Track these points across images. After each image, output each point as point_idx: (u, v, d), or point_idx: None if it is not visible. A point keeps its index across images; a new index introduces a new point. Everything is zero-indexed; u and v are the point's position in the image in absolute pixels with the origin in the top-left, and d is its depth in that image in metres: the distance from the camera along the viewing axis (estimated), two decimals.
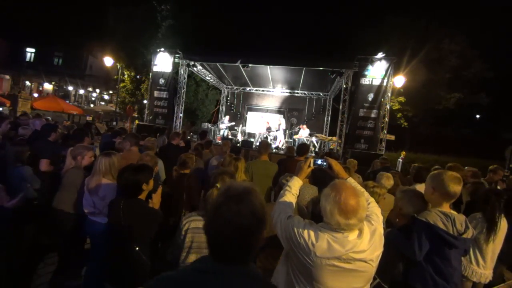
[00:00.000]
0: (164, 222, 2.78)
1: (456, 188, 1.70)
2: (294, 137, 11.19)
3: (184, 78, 10.36)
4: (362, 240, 1.23)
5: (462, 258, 2.17)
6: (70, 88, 29.01)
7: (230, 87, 13.90)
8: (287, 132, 12.04)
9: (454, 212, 1.73)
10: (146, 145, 3.78)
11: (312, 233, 1.26)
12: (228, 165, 2.80)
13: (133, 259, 1.87)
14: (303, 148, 4.22)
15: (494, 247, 2.27)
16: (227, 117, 12.35)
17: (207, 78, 12.57)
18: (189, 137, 9.95)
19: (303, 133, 10.92)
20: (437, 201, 1.76)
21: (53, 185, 2.87)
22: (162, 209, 2.23)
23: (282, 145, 10.95)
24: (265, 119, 12.54)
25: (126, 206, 1.92)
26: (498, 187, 3.71)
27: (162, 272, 0.82)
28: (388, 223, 2.22)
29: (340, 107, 8.71)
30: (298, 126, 11.68)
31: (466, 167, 3.95)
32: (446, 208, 1.76)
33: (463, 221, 1.70)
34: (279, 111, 13.58)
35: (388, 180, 3.08)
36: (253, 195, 0.80)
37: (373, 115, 7.89)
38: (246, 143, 9.98)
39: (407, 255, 1.71)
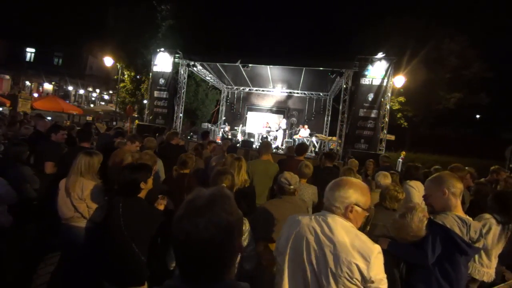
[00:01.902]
0: (164, 222, 2.77)
1: (461, 184, 1.73)
2: (294, 137, 11.19)
3: (184, 78, 10.36)
4: (336, 230, 1.27)
5: None
6: (70, 88, 29.01)
7: (230, 87, 13.89)
8: (287, 132, 12.04)
9: (471, 219, 1.70)
10: (146, 145, 3.78)
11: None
12: (230, 165, 2.79)
13: (131, 259, 1.86)
14: (302, 147, 4.23)
15: (500, 248, 2.28)
16: (228, 127, 12.38)
17: (207, 78, 12.57)
18: (189, 137, 9.94)
19: (303, 133, 10.92)
20: (452, 202, 1.72)
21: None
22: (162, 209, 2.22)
23: (282, 145, 10.95)
24: (265, 119, 12.53)
25: (125, 205, 1.92)
26: (498, 187, 3.71)
27: (160, 271, 0.81)
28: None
29: (340, 107, 8.71)
30: (299, 127, 11.69)
31: (466, 168, 3.95)
32: (460, 210, 1.73)
33: (478, 229, 1.67)
34: (279, 111, 13.58)
35: (385, 179, 3.07)
36: (220, 204, 0.72)
37: (373, 115, 7.89)
38: (246, 143, 9.98)
39: (416, 261, 1.67)
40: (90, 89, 32.13)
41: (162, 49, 9.99)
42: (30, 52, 28.25)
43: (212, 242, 0.68)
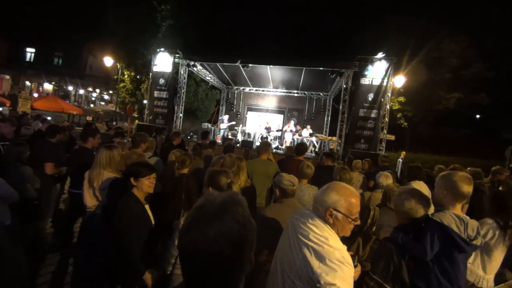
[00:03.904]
0: (163, 222, 2.76)
1: (468, 188, 1.72)
2: (294, 137, 11.18)
3: (184, 78, 10.36)
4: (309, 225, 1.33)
5: (469, 264, 2.16)
6: (70, 88, 29.00)
7: (230, 87, 13.89)
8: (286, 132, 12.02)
9: (468, 217, 1.73)
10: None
11: None
12: (230, 165, 2.77)
13: (120, 258, 1.84)
14: (302, 147, 4.22)
15: (502, 253, 2.24)
16: (227, 116, 12.35)
17: (207, 78, 12.57)
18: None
19: (304, 133, 10.92)
20: (450, 202, 1.75)
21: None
22: (161, 209, 2.21)
23: (283, 146, 10.95)
24: (264, 118, 12.48)
25: (121, 201, 1.93)
26: (500, 188, 3.67)
27: (156, 272, 0.78)
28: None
29: (340, 107, 8.71)
30: (297, 128, 11.63)
31: (468, 168, 3.94)
32: (459, 210, 1.76)
33: (475, 227, 1.70)
34: (279, 111, 13.58)
35: (386, 179, 3.07)
36: (232, 213, 0.65)
37: (373, 115, 7.89)
38: (246, 143, 9.98)
39: (416, 255, 1.69)
40: (90, 89, 32.12)
41: (162, 49, 10.00)
42: (30, 52, 28.25)
43: (221, 255, 0.62)
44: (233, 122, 12.21)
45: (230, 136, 11.64)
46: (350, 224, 1.29)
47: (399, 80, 8.76)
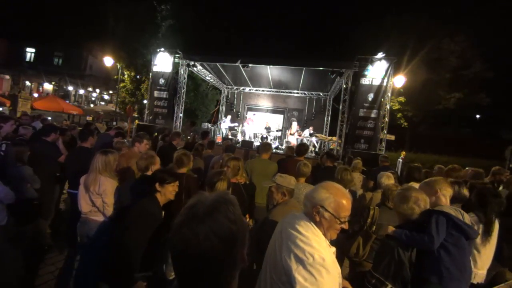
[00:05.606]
0: (163, 223, 2.76)
1: (451, 190, 2.03)
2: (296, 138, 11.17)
3: (184, 78, 10.36)
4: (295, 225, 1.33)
5: None
6: (70, 88, 29.01)
7: (230, 87, 13.89)
8: (286, 132, 12.02)
9: (463, 211, 1.94)
10: None
11: None
12: (226, 164, 2.78)
13: (120, 258, 1.84)
14: (303, 148, 4.22)
15: (491, 247, 2.26)
16: (229, 117, 12.31)
17: (207, 78, 12.57)
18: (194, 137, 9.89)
19: (305, 133, 10.92)
20: (443, 201, 1.98)
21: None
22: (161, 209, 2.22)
23: (283, 146, 10.95)
24: (258, 117, 12.37)
25: (141, 202, 2.01)
26: (501, 188, 3.67)
27: (155, 273, 0.78)
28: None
29: (340, 107, 8.71)
30: (297, 128, 11.62)
31: (466, 168, 3.94)
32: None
33: (469, 219, 1.93)
34: (279, 111, 13.58)
35: (388, 180, 3.06)
36: (223, 211, 0.66)
37: (373, 115, 7.89)
38: (246, 143, 9.97)
39: (423, 247, 1.71)
40: (90, 89, 32.13)
41: (162, 49, 10.00)
42: (30, 52, 28.24)
43: (212, 252, 0.62)
44: (236, 124, 12.19)
45: (230, 136, 11.63)
46: (337, 225, 1.24)
47: (399, 80, 8.75)
